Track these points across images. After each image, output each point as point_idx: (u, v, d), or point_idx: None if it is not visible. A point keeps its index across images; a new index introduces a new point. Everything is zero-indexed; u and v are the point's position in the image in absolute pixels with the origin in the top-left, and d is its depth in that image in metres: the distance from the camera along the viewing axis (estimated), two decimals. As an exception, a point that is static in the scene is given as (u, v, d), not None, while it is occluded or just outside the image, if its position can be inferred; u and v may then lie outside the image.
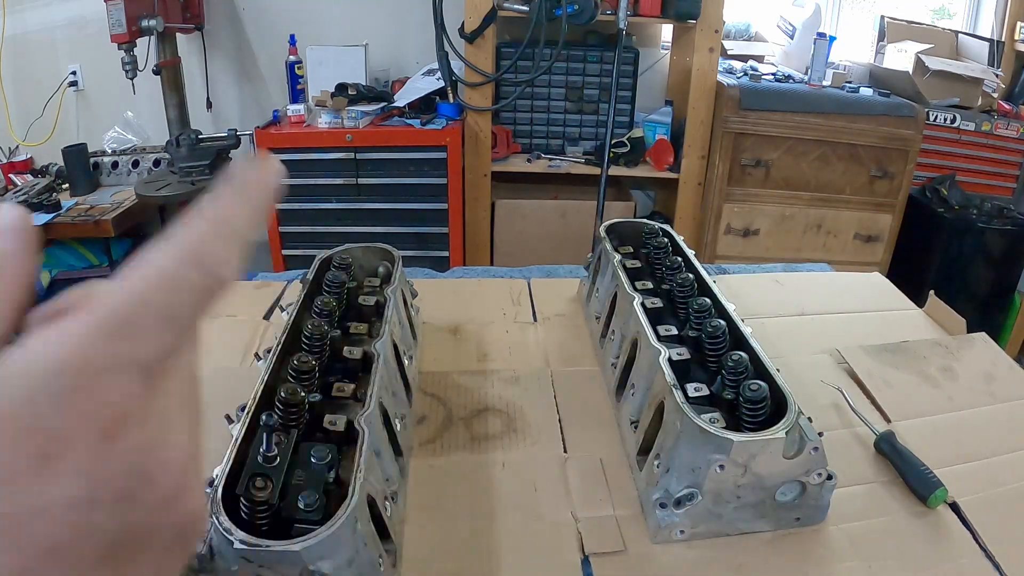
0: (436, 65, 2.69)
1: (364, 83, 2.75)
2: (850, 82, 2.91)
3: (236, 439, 0.62)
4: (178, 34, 2.77)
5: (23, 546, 0.20)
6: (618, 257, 1.05)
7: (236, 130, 2.69)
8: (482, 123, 2.71)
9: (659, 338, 0.83)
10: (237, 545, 0.53)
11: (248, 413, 0.66)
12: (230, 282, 0.24)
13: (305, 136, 2.59)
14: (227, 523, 0.54)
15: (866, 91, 2.81)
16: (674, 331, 0.87)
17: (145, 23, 2.46)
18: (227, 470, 0.59)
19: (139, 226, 3.07)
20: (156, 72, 2.67)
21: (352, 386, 0.75)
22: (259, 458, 0.61)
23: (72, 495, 0.20)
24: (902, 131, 2.67)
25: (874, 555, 0.71)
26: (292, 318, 0.83)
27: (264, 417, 0.62)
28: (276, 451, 0.61)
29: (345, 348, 0.80)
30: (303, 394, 0.68)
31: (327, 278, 0.92)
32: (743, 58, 3.09)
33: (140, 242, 3.11)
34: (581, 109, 2.88)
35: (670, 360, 0.77)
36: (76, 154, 2.83)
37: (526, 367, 1.02)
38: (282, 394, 0.67)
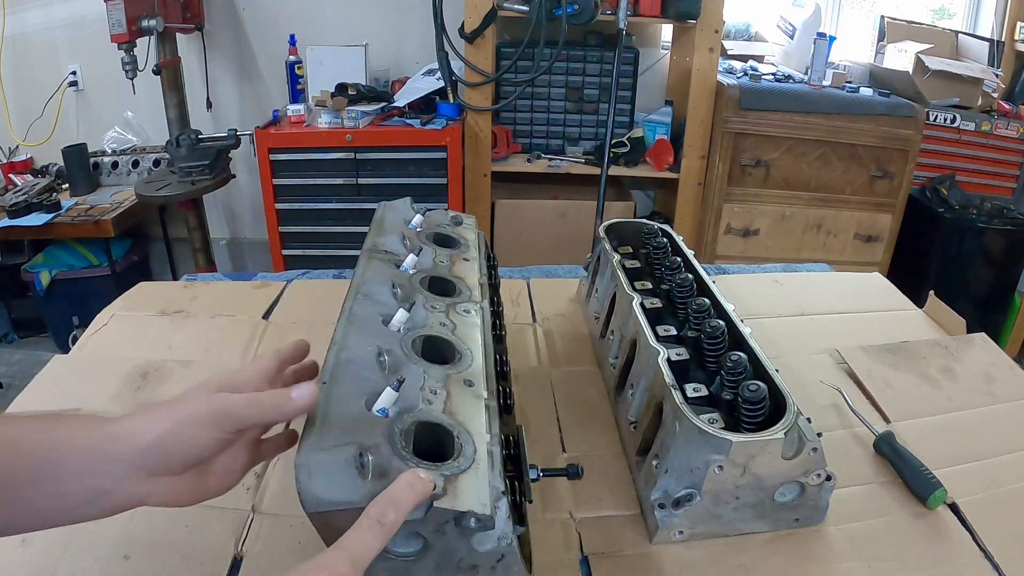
0: (436, 65, 2.69)
1: (364, 83, 2.75)
2: (850, 82, 2.91)
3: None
4: (178, 34, 2.77)
5: None
6: (617, 257, 1.05)
7: (236, 130, 2.70)
8: (482, 123, 2.71)
9: (658, 338, 0.83)
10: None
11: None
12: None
13: (305, 136, 2.59)
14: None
15: (866, 91, 2.81)
16: (673, 331, 0.87)
17: (145, 23, 2.46)
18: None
19: (139, 226, 3.08)
20: (156, 72, 2.67)
21: None
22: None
23: None
24: (902, 131, 2.67)
25: (874, 555, 0.71)
26: None
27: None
28: None
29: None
30: None
31: None
32: (743, 58, 3.09)
33: (140, 242, 3.13)
34: (581, 109, 2.88)
35: (669, 360, 0.77)
36: (76, 154, 2.84)
37: (526, 367, 1.02)
38: None
